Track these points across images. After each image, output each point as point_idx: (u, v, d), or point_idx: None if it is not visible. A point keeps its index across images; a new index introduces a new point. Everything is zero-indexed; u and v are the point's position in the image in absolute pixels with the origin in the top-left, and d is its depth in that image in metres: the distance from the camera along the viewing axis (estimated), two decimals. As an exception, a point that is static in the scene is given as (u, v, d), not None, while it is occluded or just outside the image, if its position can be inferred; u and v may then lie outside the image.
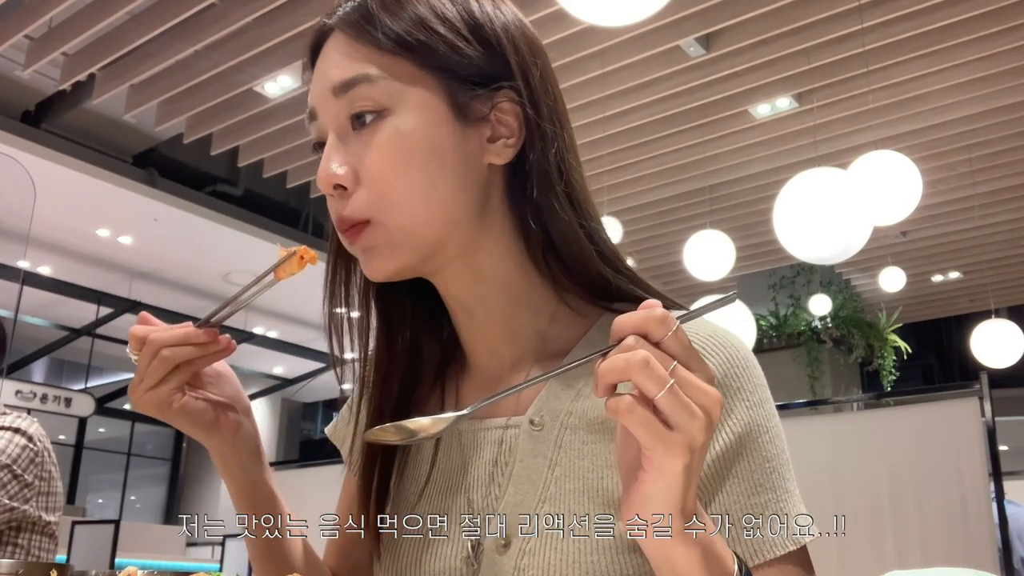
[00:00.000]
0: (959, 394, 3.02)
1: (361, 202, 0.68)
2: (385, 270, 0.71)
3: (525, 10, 0.67)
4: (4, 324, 2.16)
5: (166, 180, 7.18)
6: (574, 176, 0.73)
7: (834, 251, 3.95)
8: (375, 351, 0.80)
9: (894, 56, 4.97)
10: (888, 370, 8.23)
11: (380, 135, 0.68)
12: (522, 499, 0.69)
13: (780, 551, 0.65)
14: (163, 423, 0.77)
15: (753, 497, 0.66)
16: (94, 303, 8.62)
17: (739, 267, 6.78)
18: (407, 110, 0.68)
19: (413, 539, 0.75)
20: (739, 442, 0.66)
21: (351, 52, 0.69)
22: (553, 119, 0.72)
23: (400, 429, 0.60)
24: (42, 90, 6.38)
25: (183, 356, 0.71)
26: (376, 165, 0.67)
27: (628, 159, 6.16)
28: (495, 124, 0.71)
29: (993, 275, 8.15)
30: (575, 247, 0.72)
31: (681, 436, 0.50)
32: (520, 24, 0.74)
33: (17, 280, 7.16)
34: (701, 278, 5.52)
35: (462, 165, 0.69)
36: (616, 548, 0.65)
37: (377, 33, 0.68)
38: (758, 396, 0.69)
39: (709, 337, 0.70)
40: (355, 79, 0.68)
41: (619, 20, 2.73)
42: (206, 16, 4.81)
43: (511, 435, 0.72)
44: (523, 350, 0.76)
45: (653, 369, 0.50)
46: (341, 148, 0.69)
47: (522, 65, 0.71)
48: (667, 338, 0.52)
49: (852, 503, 3.00)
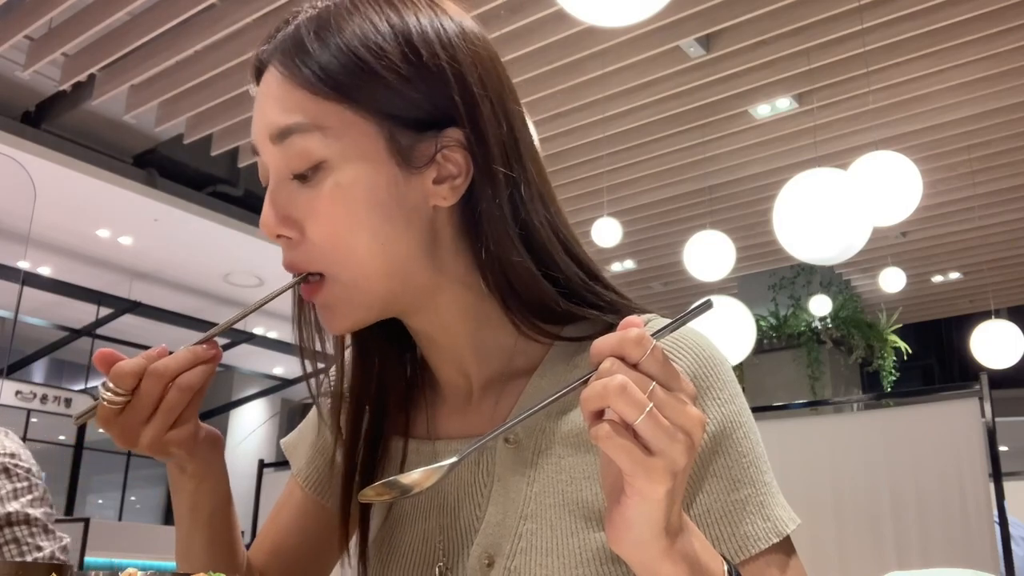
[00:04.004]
0: (959, 395, 3.02)
1: (308, 254, 0.67)
2: (343, 326, 0.69)
3: (525, 11, 0.65)
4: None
5: (166, 180, 7.18)
6: (533, 215, 0.69)
7: (834, 252, 3.95)
8: (350, 377, 0.78)
9: (894, 57, 4.97)
10: (888, 371, 8.22)
11: (320, 188, 0.65)
12: (503, 517, 0.69)
13: (764, 544, 0.65)
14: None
15: (733, 493, 0.66)
16: (94, 303, 8.62)
17: (739, 267, 6.78)
18: (346, 161, 0.65)
19: (391, 564, 0.74)
20: (714, 441, 0.66)
21: (284, 95, 0.66)
22: (507, 156, 0.68)
23: (393, 485, 0.58)
24: (42, 90, 6.37)
25: (200, 380, 0.66)
26: (318, 220, 0.65)
27: (628, 159, 6.16)
28: (441, 164, 0.67)
29: (993, 275, 8.15)
30: (535, 292, 0.69)
31: (662, 461, 0.50)
32: (465, 37, 0.68)
33: (17, 280, 7.16)
34: (701, 278, 5.51)
35: (406, 213, 0.66)
36: (600, 559, 0.65)
37: (308, 73, 0.65)
38: (728, 392, 0.68)
39: (675, 339, 0.69)
40: (289, 128, 0.65)
41: (619, 21, 2.73)
42: (206, 16, 4.81)
43: (487, 454, 0.72)
44: (492, 368, 0.75)
45: (630, 394, 0.49)
46: (281, 196, 0.67)
47: (468, 100, 0.66)
48: (644, 359, 0.51)
49: (852, 503, 3.00)
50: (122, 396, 0.64)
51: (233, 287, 8.69)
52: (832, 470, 3.04)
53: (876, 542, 2.93)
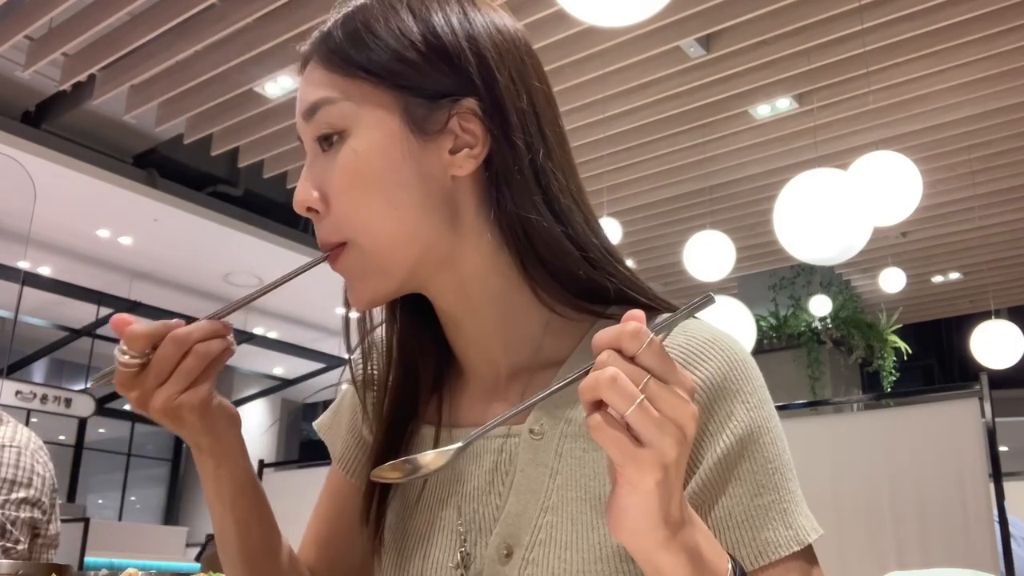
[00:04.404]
0: (959, 395, 3.02)
1: (333, 224, 0.70)
2: (364, 296, 0.72)
3: (525, 11, 0.67)
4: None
5: (166, 181, 7.18)
6: (554, 181, 0.71)
7: (834, 252, 3.95)
8: (384, 358, 0.80)
9: (894, 57, 4.97)
10: (888, 371, 8.22)
11: (339, 157, 0.69)
12: (523, 508, 0.69)
13: (785, 551, 0.65)
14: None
15: (756, 499, 0.66)
16: (94, 303, 8.62)
17: (739, 268, 6.78)
18: (362, 129, 0.69)
19: (409, 549, 0.75)
20: (740, 444, 0.66)
21: (317, 78, 0.71)
22: (526, 126, 0.71)
23: (404, 465, 0.60)
24: (42, 90, 6.38)
25: (218, 350, 0.68)
26: (336, 187, 0.69)
27: (628, 159, 6.16)
28: (458, 135, 0.69)
29: (993, 276, 8.15)
30: (559, 255, 0.71)
31: (651, 453, 0.51)
32: (493, 30, 0.72)
33: (17, 280, 7.16)
34: (701, 279, 5.52)
35: (421, 181, 0.69)
36: (620, 556, 0.65)
37: (337, 58, 0.70)
38: (758, 397, 0.69)
39: (707, 341, 0.70)
40: (318, 103, 0.70)
41: (619, 21, 2.73)
42: (206, 16, 4.81)
43: (511, 444, 0.72)
44: (519, 359, 0.75)
45: (621, 386, 0.50)
46: (312, 171, 0.71)
47: (485, 74, 0.70)
48: (641, 352, 0.52)
49: (852, 503, 3.00)
50: (137, 359, 0.66)
51: (233, 287, 8.69)
52: (832, 470, 3.04)
53: (876, 542, 2.93)
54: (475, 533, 0.72)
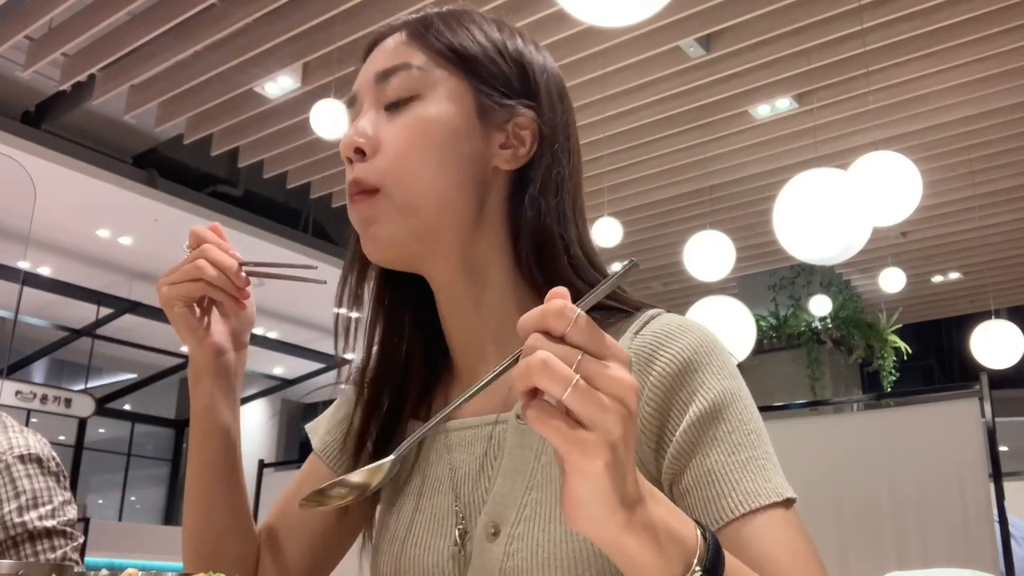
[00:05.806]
0: (959, 395, 3.01)
1: (375, 168, 0.75)
2: (380, 247, 0.76)
3: (525, 11, 0.68)
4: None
5: (166, 181, 7.18)
6: (567, 197, 0.79)
7: (834, 252, 3.95)
8: (374, 357, 0.84)
9: (894, 57, 4.97)
10: (888, 371, 8.23)
11: (406, 115, 0.75)
12: (510, 488, 0.72)
13: (765, 500, 0.65)
14: (163, 424, 0.78)
15: (735, 455, 0.67)
16: (94, 304, 8.63)
17: (739, 268, 6.78)
18: (435, 99, 0.76)
19: (406, 534, 0.78)
20: (714, 408, 0.68)
21: (401, 47, 0.78)
22: (564, 146, 0.80)
23: (335, 489, 0.60)
24: (42, 90, 6.38)
25: (209, 276, 0.79)
26: (396, 138, 0.75)
27: (628, 159, 6.16)
28: (511, 134, 0.77)
29: (993, 276, 8.15)
30: (548, 251, 0.77)
31: (596, 434, 0.48)
32: (555, 71, 0.84)
33: (17, 280, 7.17)
34: (701, 279, 5.51)
35: (471, 159, 0.76)
36: None
37: (429, 36, 0.78)
38: (728, 370, 0.71)
39: (678, 326, 0.73)
40: (397, 67, 0.77)
41: (619, 21, 2.73)
42: (206, 16, 4.81)
43: (500, 430, 0.76)
44: (509, 351, 0.76)
45: (553, 369, 0.48)
46: (370, 121, 0.77)
47: (548, 95, 0.80)
48: (569, 330, 0.49)
49: (852, 503, 3.00)
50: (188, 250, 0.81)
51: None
52: (832, 470, 3.04)
53: (876, 542, 2.93)
54: (467, 517, 0.75)
